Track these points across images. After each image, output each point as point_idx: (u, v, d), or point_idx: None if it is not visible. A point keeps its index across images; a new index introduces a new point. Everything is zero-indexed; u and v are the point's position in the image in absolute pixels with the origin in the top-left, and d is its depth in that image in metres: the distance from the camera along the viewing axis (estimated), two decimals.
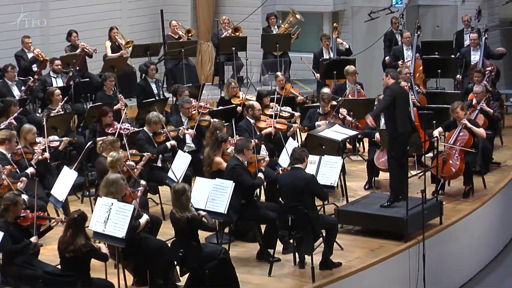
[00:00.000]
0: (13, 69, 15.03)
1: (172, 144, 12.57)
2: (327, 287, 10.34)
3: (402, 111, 11.67)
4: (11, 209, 9.56)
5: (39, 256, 9.91)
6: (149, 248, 10.02)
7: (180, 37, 18.14)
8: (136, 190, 10.58)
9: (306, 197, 10.33)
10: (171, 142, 12.68)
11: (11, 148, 11.79)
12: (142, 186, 10.97)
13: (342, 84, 15.61)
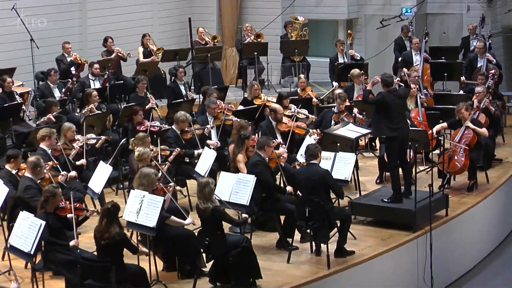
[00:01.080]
0: (55, 73, 15.11)
1: (199, 153, 12.49)
2: (341, 273, 10.34)
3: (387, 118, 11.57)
4: (51, 201, 9.60)
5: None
6: (177, 236, 10.04)
7: (207, 43, 18.16)
8: (168, 186, 10.59)
9: (321, 191, 10.34)
10: (198, 151, 12.57)
11: (51, 145, 11.84)
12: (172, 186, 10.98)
13: (351, 85, 15.59)
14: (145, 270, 9.40)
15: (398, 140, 11.65)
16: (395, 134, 11.58)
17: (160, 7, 19.13)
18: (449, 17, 19.24)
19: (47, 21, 16.68)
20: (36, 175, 10.66)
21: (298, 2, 19.34)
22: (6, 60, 15.54)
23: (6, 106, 13.80)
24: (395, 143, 11.67)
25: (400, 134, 11.61)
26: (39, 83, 15.45)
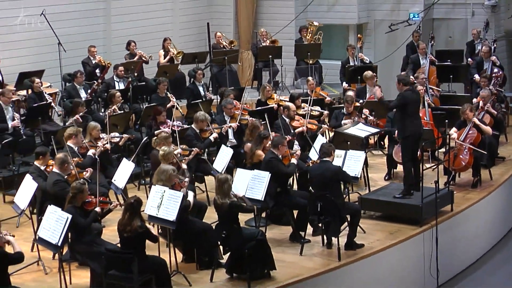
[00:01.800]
0: (81, 75, 15.17)
1: (215, 137, 12.60)
2: (351, 265, 10.34)
3: (411, 115, 11.60)
4: (79, 196, 9.64)
5: (102, 235, 10.00)
6: (196, 230, 10.06)
7: (224, 46, 18.17)
8: (184, 181, 10.61)
9: (333, 186, 10.34)
10: (213, 135, 12.72)
11: (77, 143, 11.89)
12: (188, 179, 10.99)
13: (363, 87, 15.57)
14: (166, 261, 9.41)
15: (416, 137, 11.69)
16: (415, 130, 11.62)
17: (180, 13, 19.16)
18: (454, 22, 19.19)
19: (74, 26, 16.76)
20: (64, 171, 10.71)
21: (310, 8, 19.32)
22: (36, 63, 15.61)
23: (35, 106, 13.89)
24: (413, 139, 11.67)
25: (418, 130, 11.68)
26: (66, 85, 15.51)
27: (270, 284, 9.68)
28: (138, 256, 8.95)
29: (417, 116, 11.79)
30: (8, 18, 15.67)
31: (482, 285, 11.59)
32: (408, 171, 11.76)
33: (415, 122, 11.67)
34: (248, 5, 19.64)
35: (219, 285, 9.68)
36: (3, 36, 15.55)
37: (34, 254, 10.27)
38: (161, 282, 9.13)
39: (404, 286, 11.12)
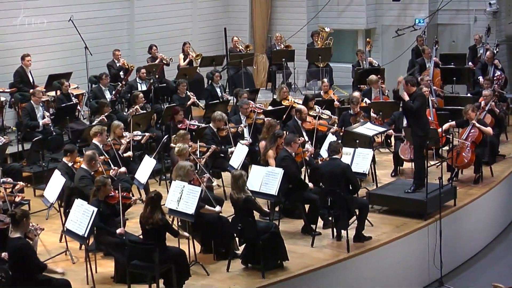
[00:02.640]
0: (106, 77, 15.24)
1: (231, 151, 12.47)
2: (359, 256, 10.33)
3: (424, 116, 11.63)
4: (102, 189, 9.68)
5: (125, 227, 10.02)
6: (213, 222, 10.07)
7: (240, 50, 18.18)
8: (203, 177, 10.63)
9: (342, 182, 10.32)
10: (231, 149, 12.57)
11: (102, 140, 11.93)
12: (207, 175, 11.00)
13: (369, 89, 15.54)
14: (185, 252, 9.43)
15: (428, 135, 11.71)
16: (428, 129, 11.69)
17: (199, 18, 19.18)
18: (458, 27, 19.13)
19: (100, 31, 16.81)
20: (91, 168, 10.76)
21: (322, 14, 19.31)
22: (64, 66, 15.67)
23: (63, 106, 13.95)
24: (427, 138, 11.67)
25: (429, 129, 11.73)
26: (92, 86, 15.56)
27: (283, 274, 9.68)
28: (159, 247, 8.97)
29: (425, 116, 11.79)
30: (38, 24, 15.72)
31: (484, 275, 11.54)
32: (421, 166, 11.62)
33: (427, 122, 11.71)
34: (263, 11, 19.63)
35: (235, 274, 9.70)
36: (34, 41, 15.62)
37: (62, 244, 10.34)
38: (180, 272, 9.15)
39: (409, 277, 11.08)
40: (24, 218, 8.32)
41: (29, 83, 14.74)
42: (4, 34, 15.24)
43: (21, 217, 8.31)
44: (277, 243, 9.78)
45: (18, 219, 8.28)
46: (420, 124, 11.59)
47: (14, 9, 15.34)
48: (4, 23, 15.20)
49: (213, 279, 9.57)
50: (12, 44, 15.28)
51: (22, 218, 8.30)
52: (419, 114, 11.51)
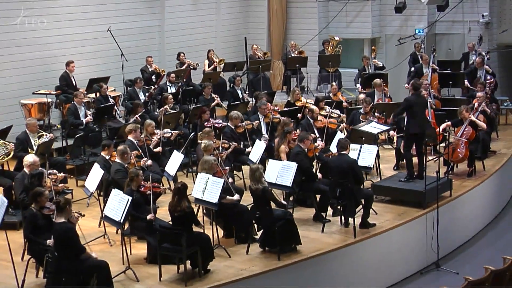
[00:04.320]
0: (141, 81, 15.26)
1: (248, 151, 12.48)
2: (365, 241, 10.31)
3: (415, 117, 11.57)
4: (135, 180, 9.71)
5: (156, 214, 10.03)
6: (234, 210, 10.06)
7: (259, 57, 18.15)
8: (225, 169, 10.62)
9: (350, 175, 10.29)
10: (248, 149, 12.51)
11: (136, 137, 11.95)
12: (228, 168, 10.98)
13: (373, 91, 15.44)
14: (209, 236, 9.43)
15: (419, 135, 11.68)
16: (419, 129, 11.64)
17: (222, 28, 19.16)
18: (454, 37, 19.00)
19: (134, 40, 16.84)
20: (124, 161, 10.79)
21: (332, 25, 19.24)
22: (103, 71, 15.71)
23: (102, 107, 13.99)
24: (416, 137, 11.67)
25: (422, 129, 11.67)
26: (128, 89, 15.60)
27: (297, 256, 9.68)
28: (186, 232, 8.99)
29: (421, 117, 11.72)
30: (79, 34, 15.79)
31: (476, 258, 11.46)
32: (409, 160, 11.79)
33: (419, 122, 11.61)
34: (279, 22, 19.59)
35: (253, 257, 9.70)
36: (77, 49, 15.68)
37: (101, 229, 10.37)
38: (205, 254, 9.16)
39: (409, 259, 11.03)
40: (67, 205, 8.39)
41: (73, 86, 14.80)
42: (50, 43, 15.31)
43: (65, 204, 8.37)
44: (291, 229, 9.77)
45: (62, 206, 8.35)
46: (410, 123, 11.64)
47: (59, 21, 15.41)
48: (50, 34, 15.26)
49: (234, 260, 9.57)
50: (56, 52, 15.34)
51: (65, 205, 8.37)
52: (410, 115, 11.58)
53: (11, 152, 11.35)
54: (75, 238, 8.27)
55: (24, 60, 14.87)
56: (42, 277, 8.85)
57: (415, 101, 11.67)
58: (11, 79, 14.68)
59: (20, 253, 9.42)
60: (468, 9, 18.46)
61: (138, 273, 9.08)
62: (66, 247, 8.23)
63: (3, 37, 14.42)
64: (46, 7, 15.18)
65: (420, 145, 11.78)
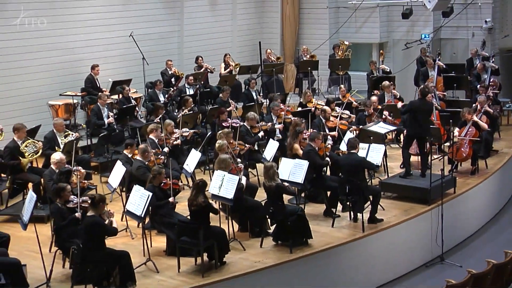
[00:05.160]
0: (160, 83, 15.28)
1: (262, 135, 12.59)
2: (373, 236, 10.28)
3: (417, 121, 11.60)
4: (157, 177, 9.74)
5: (175, 209, 10.06)
6: (249, 206, 10.07)
7: (272, 60, 18.13)
8: (239, 166, 10.63)
9: (358, 173, 10.28)
10: (261, 133, 12.75)
11: (157, 136, 11.99)
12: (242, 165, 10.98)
13: (383, 93, 15.38)
14: (225, 230, 9.44)
15: (416, 137, 11.72)
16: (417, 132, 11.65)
17: (238, 34, 19.17)
18: (458, 41, 18.90)
19: (155, 45, 16.87)
20: (145, 158, 10.81)
21: (342, 30, 19.20)
22: (125, 74, 15.75)
23: (124, 107, 14.03)
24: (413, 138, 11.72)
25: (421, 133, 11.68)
26: (148, 90, 15.63)
27: (308, 249, 9.67)
28: (204, 226, 9.00)
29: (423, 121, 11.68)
30: (104, 39, 15.84)
31: (478, 252, 11.40)
32: (406, 158, 11.94)
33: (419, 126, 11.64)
34: (292, 27, 19.57)
35: (267, 250, 9.70)
36: (101, 53, 15.73)
37: (123, 223, 10.40)
38: (221, 247, 9.17)
39: (415, 253, 10.99)
40: (101, 202, 8.47)
41: (97, 88, 14.86)
42: (75, 48, 15.37)
43: (99, 201, 8.46)
44: (303, 223, 9.76)
45: (96, 202, 8.43)
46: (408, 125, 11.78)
47: (85, 26, 15.47)
48: (76, 39, 15.34)
49: (249, 253, 9.58)
50: (82, 56, 15.40)
51: (99, 201, 8.45)
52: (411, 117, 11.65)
53: (40, 150, 11.42)
54: (101, 230, 8.31)
55: (52, 63, 14.95)
56: (68, 268, 8.89)
57: (418, 106, 11.66)
58: (40, 82, 14.77)
59: (48, 245, 9.47)
60: (472, 15, 18.36)
61: (158, 265, 9.10)
62: (91, 239, 8.27)
63: (33, 42, 14.51)
64: (73, 14, 15.25)
65: (422, 146, 11.78)
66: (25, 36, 14.36)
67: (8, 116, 13.46)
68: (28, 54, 14.46)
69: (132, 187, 9.57)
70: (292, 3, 19.47)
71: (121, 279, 8.36)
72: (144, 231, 9.43)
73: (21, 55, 14.35)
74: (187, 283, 8.73)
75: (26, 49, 14.41)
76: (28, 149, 11.24)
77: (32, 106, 14.44)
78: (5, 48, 14.07)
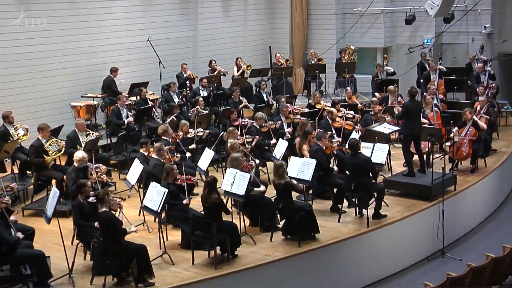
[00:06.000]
0: (174, 85, 15.29)
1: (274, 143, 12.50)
2: (377, 231, 10.26)
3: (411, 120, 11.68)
4: (170, 174, 9.74)
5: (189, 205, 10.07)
6: (259, 202, 10.06)
7: (282, 64, 18.11)
8: (250, 163, 10.62)
9: (363, 171, 10.23)
10: (273, 141, 12.61)
11: (169, 135, 12.00)
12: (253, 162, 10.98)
13: (387, 96, 15.33)
14: (237, 225, 9.44)
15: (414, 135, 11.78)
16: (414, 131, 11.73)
17: (249, 39, 19.16)
18: (458, 46, 18.81)
19: (171, 49, 16.88)
20: (160, 156, 10.82)
21: (348, 35, 19.14)
22: (142, 76, 15.79)
23: (142, 109, 14.06)
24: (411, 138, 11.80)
25: (417, 131, 11.74)
26: (164, 92, 15.65)
27: (315, 243, 9.66)
28: (216, 221, 9.00)
29: (416, 121, 11.81)
30: (123, 44, 15.88)
31: (478, 246, 11.35)
32: (408, 158, 11.91)
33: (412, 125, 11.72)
34: (300, 33, 19.54)
35: (276, 244, 9.69)
36: (120, 57, 15.77)
37: (141, 217, 10.44)
38: (233, 241, 9.17)
39: (417, 247, 10.94)
40: (105, 195, 8.45)
41: (116, 90, 14.89)
42: (96, 52, 15.42)
43: (103, 195, 8.44)
44: (310, 219, 9.74)
45: (101, 197, 8.42)
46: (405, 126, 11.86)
47: (104, 32, 15.50)
48: (96, 43, 15.38)
49: (259, 247, 9.58)
50: (102, 60, 15.44)
51: (104, 196, 8.44)
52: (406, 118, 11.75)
53: (63, 148, 11.46)
54: (115, 223, 8.32)
55: (74, 67, 15.00)
56: (89, 259, 8.93)
57: (411, 106, 11.77)
58: (63, 84, 14.83)
59: (70, 238, 9.51)
60: (472, 21, 18.27)
61: (173, 257, 9.12)
62: (108, 233, 8.29)
63: (57, 47, 14.57)
64: (95, 20, 15.30)
65: (418, 144, 11.81)
66: (49, 41, 14.43)
67: (33, 117, 13.52)
68: (52, 59, 14.52)
69: (149, 184, 9.59)
70: (301, 10, 19.44)
71: (139, 270, 8.38)
72: (160, 225, 9.45)
73: (45, 59, 14.42)
74: (201, 274, 8.75)
75: (50, 53, 14.48)
76: (51, 147, 11.29)
77: (56, 107, 14.50)
78: (31, 53, 14.14)
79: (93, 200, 8.90)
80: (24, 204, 11.24)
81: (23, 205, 11.13)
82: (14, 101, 13.53)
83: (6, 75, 13.76)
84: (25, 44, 14.00)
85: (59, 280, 8.46)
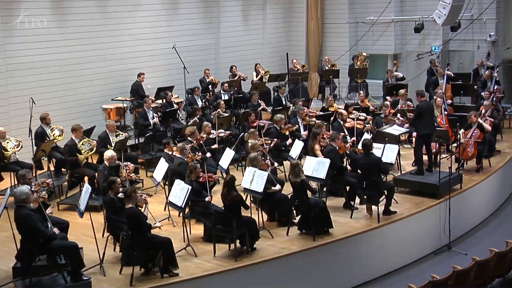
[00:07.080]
0: (198, 89, 15.35)
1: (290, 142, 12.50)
2: (387, 226, 10.20)
3: (425, 120, 11.52)
4: (194, 172, 9.77)
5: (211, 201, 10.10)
6: (276, 199, 10.05)
7: (298, 69, 18.09)
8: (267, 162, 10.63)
9: (374, 170, 10.19)
10: (289, 140, 12.59)
11: (195, 137, 12.03)
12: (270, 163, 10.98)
13: (397, 99, 15.25)
14: (255, 220, 9.45)
15: (428, 135, 11.61)
16: (427, 131, 11.59)
17: (268, 46, 19.17)
18: (465, 53, 18.65)
19: (195, 56, 16.94)
20: (184, 155, 10.87)
21: (360, 42, 19.07)
22: (168, 81, 15.87)
23: (167, 111, 14.12)
24: (426, 138, 11.60)
25: (430, 131, 11.63)
26: (188, 96, 15.71)
27: (329, 238, 9.64)
28: (236, 216, 9.02)
29: (430, 120, 11.67)
30: (150, 51, 15.97)
31: (482, 241, 11.25)
32: (419, 157, 11.72)
33: (428, 125, 11.57)
34: (315, 40, 19.50)
35: (292, 238, 9.68)
36: (148, 63, 15.88)
37: (166, 212, 10.48)
38: (252, 235, 9.18)
39: (425, 242, 10.87)
40: (133, 192, 8.48)
41: (143, 94, 14.97)
42: (125, 58, 15.53)
43: (131, 192, 8.47)
44: (324, 214, 9.72)
45: (129, 194, 8.45)
46: (419, 126, 11.66)
47: (132, 40, 15.62)
48: (125, 50, 15.50)
49: (276, 241, 9.57)
50: (130, 66, 15.55)
51: (131, 193, 8.46)
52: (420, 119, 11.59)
53: (94, 148, 11.56)
54: (139, 219, 8.34)
55: (105, 72, 15.13)
56: (118, 251, 8.99)
57: (424, 106, 11.63)
58: (94, 88, 14.96)
59: (101, 231, 9.59)
60: (477, 29, 18.12)
61: (196, 250, 9.15)
62: (134, 227, 8.33)
63: (88, 54, 14.71)
64: (123, 29, 15.41)
65: (428, 144, 11.69)
66: (82, 49, 14.57)
67: (67, 118, 13.66)
68: (84, 65, 14.67)
69: (174, 181, 9.63)
70: (316, 19, 19.40)
71: (164, 262, 8.43)
72: (184, 220, 9.49)
73: (79, 66, 14.56)
74: (221, 266, 8.77)
75: (83, 60, 14.62)
76: (84, 147, 11.39)
77: (88, 110, 14.64)
78: (66, 59, 14.29)
79: (122, 196, 8.96)
80: (59, 199, 11.36)
81: (58, 200, 11.24)
82: (50, 104, 13.71)
83: (44, 80, 13.94)
84: (60, 51, 14.18)
85: (91, 269, 8.53)
